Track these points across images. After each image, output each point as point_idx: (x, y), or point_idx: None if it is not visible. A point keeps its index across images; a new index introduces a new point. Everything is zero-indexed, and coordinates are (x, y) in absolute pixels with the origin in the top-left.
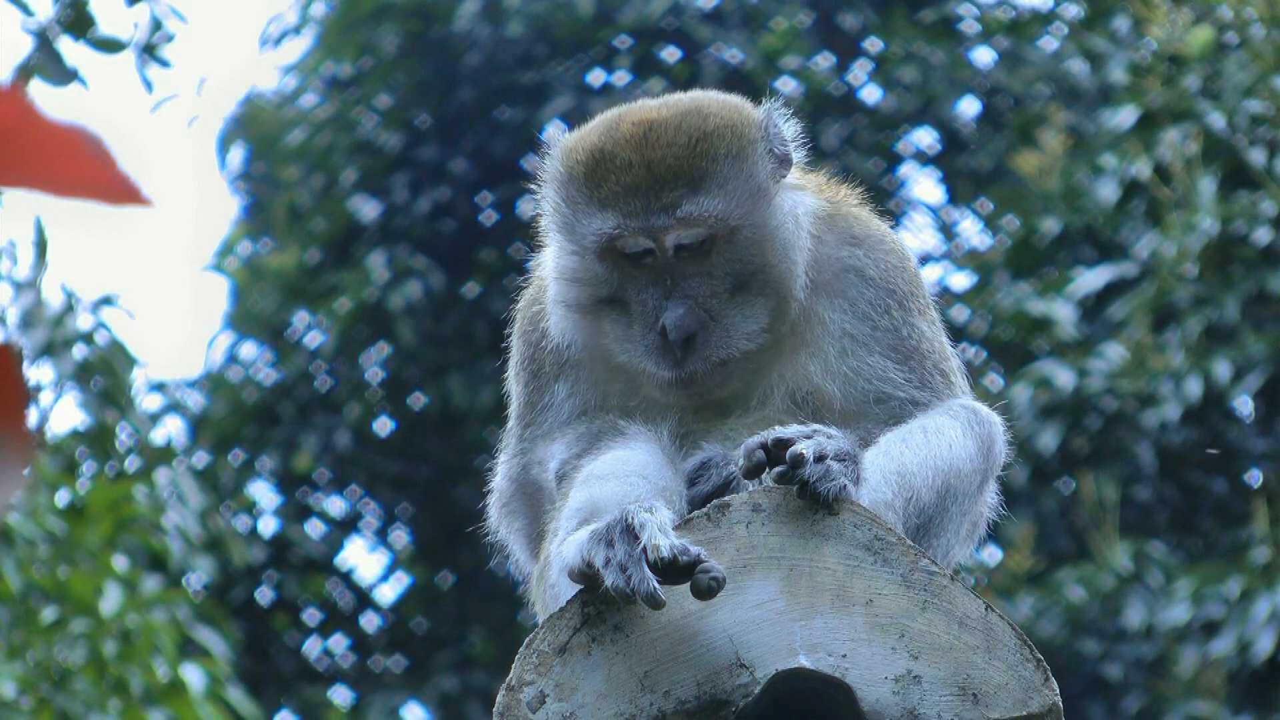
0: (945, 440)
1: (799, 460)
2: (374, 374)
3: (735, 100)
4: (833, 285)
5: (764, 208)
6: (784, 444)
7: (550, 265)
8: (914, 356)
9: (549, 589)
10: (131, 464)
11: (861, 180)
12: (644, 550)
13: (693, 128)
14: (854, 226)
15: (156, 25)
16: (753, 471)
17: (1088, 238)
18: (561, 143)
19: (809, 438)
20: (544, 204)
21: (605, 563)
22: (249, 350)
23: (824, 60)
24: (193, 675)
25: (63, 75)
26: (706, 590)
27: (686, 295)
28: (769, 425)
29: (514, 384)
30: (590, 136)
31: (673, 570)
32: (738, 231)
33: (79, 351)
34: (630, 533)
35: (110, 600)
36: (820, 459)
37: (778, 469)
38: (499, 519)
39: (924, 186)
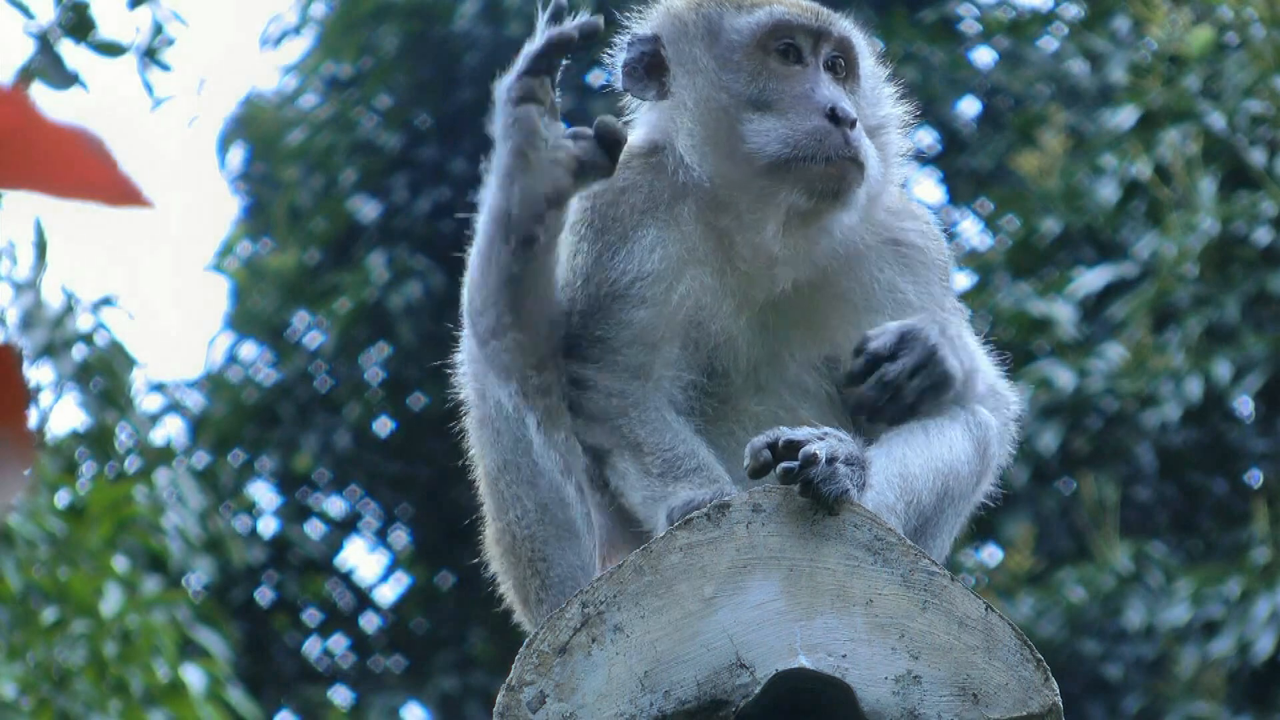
0: (945, 442)
1: (811, 460)
2: (374, 374)
3: None
4: (898, 257)
5: (879, 83)
6: (794, 445)
7: (678, 98)
8: (962, 331)
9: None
10: (131, 464)
11: None
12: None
13: None
14: (902, 202)
15: (158, 29)
16: (759, 471)
17: (1088, 238)
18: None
19: (821, 439)
20: (661, 38)
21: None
22: (249, 350)
23: None
24: (193, 676)
25: (64, 78)
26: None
27: (841, 95)
28: (792, 411)
29: (574, 246)
30: None
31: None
32: (865, 80)
33: (79, 352)
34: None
35: (110, 601)
36: (830, 461)
37: (784, 464)
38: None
39: (924, 186)
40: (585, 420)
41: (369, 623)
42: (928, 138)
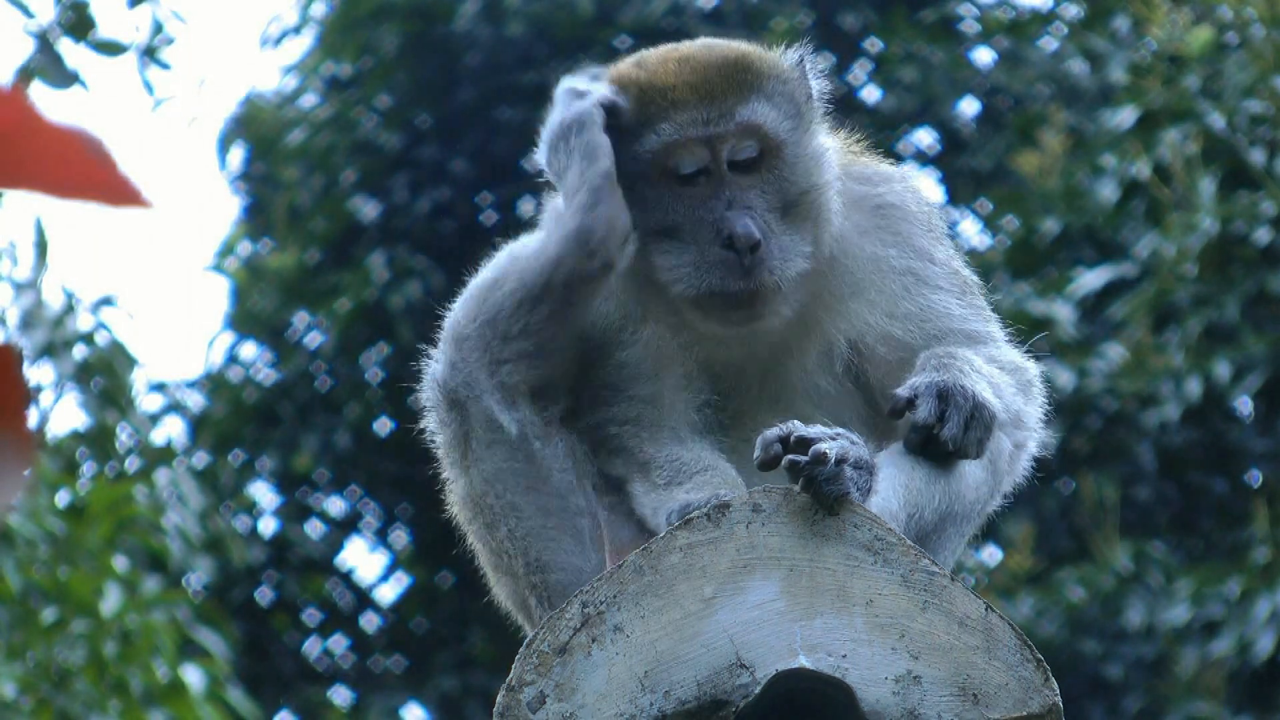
0: (958, 462)
1: (821, 458)
2: (374, 374)
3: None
4: (878, 225)
5: (805, 129)
6: (805, 442)
7: None
8: (969, 290)
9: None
10: (131, 464)
11: None
12: None
13: (728, 49)
14: (876, 168)
15: (157, 28)
16: (768, 464)
17: (1088, 238)
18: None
19: (833, 439)
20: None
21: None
22: (249, 350)
23: (824, 60)
24: (193, 676)
25: (64, 78)
26: None
27: (745, 207)
28: (808, 420)
29: None
30: (626, 75)
31: None
32: (784, 149)
33: (79, 352)
34: None
35: (110, 601)
36: (839, 462)
37: (791, 457)
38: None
39: (924, 187)
40: (606, 455)
41: (369, 623)
42: (928, 138)
